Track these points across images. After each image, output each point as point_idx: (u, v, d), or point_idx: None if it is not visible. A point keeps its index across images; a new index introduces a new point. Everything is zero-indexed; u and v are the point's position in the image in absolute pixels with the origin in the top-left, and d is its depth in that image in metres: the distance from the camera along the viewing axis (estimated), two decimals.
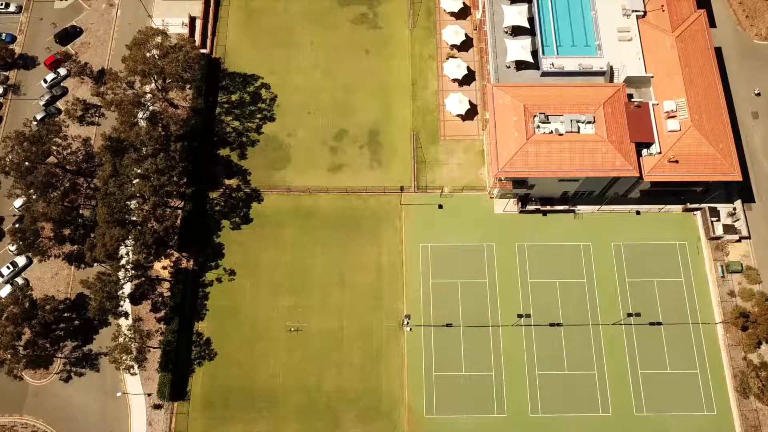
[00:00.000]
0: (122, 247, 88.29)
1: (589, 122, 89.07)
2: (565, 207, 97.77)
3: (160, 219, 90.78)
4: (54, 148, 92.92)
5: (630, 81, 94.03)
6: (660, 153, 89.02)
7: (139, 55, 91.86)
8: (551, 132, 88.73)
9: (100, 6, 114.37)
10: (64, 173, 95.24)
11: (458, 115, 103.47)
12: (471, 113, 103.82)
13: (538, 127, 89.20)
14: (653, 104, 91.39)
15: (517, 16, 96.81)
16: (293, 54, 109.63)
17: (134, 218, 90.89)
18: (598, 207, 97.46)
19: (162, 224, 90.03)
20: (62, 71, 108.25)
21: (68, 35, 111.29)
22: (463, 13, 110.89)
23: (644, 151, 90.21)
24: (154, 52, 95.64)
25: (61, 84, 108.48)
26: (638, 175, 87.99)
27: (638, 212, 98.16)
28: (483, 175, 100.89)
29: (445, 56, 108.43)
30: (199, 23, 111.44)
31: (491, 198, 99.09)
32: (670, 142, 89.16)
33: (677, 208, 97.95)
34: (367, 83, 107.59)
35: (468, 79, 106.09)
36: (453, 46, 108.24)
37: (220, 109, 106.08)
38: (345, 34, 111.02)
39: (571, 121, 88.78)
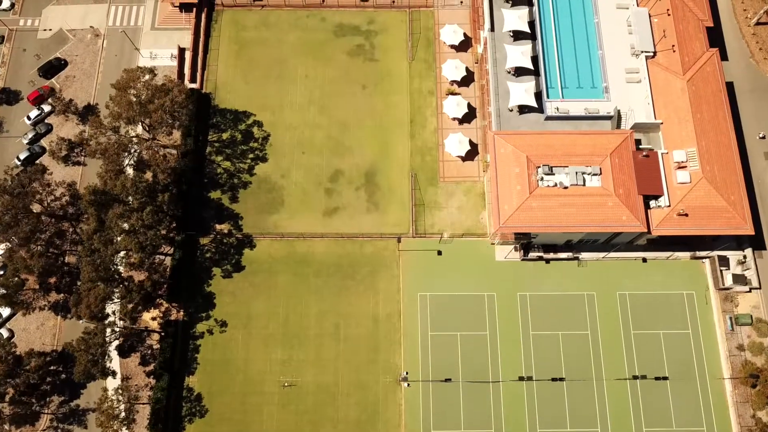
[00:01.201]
0: (108, 303, 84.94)
1: (595, 174, 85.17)
2: (569, 255, 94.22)
3: (147, 273, 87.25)
4: (37, 196, 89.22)
5: (638, 126, 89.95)
6: (669, 206, 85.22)
7: (124, 100, 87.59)
8: (555, 185, 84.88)
9: (86, 36, 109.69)
10: (48, 220, 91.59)
11: (458, 156, 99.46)
12: (471, 154, 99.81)
13: (542, 179, 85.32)
14: (662, 153, 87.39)
15: (521, 56, 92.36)
16: (287, 88, 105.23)
17: (120, 272, 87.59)
18: (603, 254, 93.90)
19: (149, 278, 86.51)
20: (46, 107, 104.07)
21: (52, 68, 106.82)
22: (463, 45, 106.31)
23: (652, 203, 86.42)
24: (141, 90, 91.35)
25: (46, 121, 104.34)
26: (646, 230, 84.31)
27: (644, 260, 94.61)
28: (484, 219, 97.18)
29: (445, 92, 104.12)
30: (188, 55, 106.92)
31: (492, 244, 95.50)
32: (680, 195, 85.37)
33: (685, 255, 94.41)
34: (363, 120, 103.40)
35: (468, 116, 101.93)
36: (453, 82, 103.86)
37: (211, 148, 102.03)
38: (341, 67, 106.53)
39: (577, 173, 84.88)
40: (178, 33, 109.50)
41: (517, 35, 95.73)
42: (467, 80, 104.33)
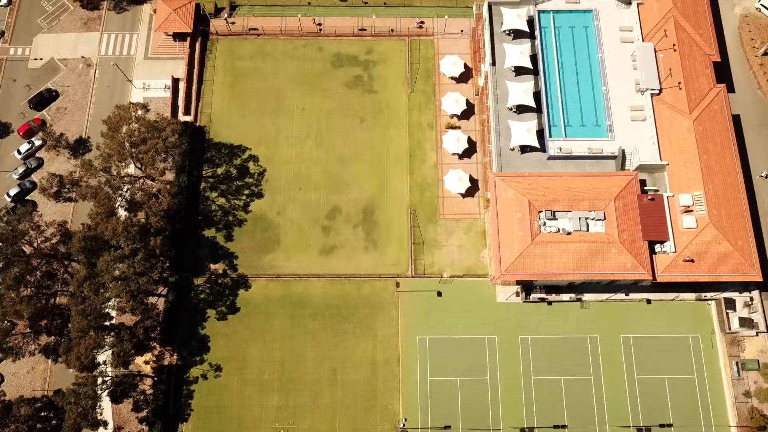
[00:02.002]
0: (99, 352, 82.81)
1: (599, 219, 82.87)
2: (572, 296, 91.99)
3: (139, 318, 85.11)
4: (26, 237, 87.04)
5: (643, 167, 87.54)
6: (674, 251, 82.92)
7: (115, 142, 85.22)
8: (558, 231, 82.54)
9: (77, 66, 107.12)
10: (38, 261, 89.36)
11: (458, 194, 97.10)
12: (472, 190, 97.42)
13: (544, 224, 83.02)
14: (668, 196, 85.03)
15: (522, 94, 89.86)
16: (283, 122, 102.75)
17: (112, 316, 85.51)
18: (606, 296, 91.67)
19: (141, 325, 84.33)
20: (37, 141, 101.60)
21: (43, 100, 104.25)
22: (464, 76, 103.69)
23: (657, 247, 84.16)
24: (133, 128, 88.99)
25: (36, 155, 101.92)
26: (651, 277, 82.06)
27: (649, 301, 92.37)
28: (484, 258, 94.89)
29: (444, 125, 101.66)
30: (182, 86, 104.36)
31: (493, 284, 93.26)
32: (686, 240, 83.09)
33: (690, 297, 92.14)
34: (361, 155, 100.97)
35: (469, 151, 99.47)
36: (453, 116, 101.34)
37: (205, 184, 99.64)
38: (338, 100, 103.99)
39: (580, 218, 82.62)
40: (171, 63, 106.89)
41: (519, 70, 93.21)
42: (468, 113, 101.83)
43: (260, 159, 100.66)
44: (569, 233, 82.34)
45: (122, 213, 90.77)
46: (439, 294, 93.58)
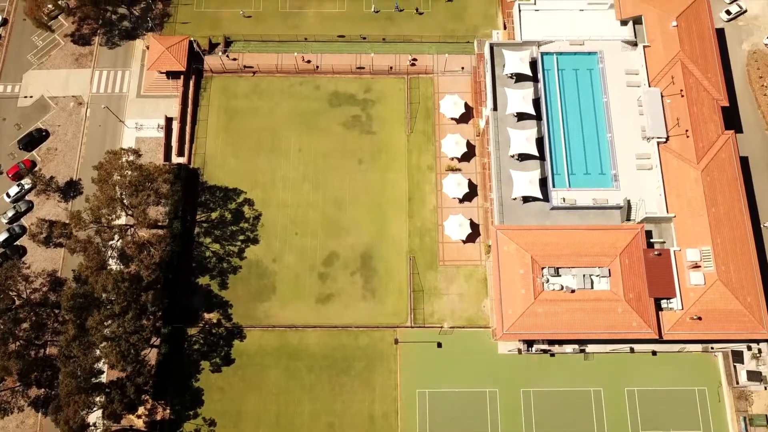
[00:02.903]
0: (90, 412, 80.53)
1: (604, 276, 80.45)
2: (575, 348, 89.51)
3: (130, 374, 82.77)
4: (14, 291, 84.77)
5: (650, 218, 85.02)
6: (681, 309, 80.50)
7: (104, 195, 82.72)
8: (561, 288, 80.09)
9: (68, 104, 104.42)
10: (27, 313, 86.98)
11: (459, 240, 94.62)
12: (473, 236, 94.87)
13: (548, 280, 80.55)
14: (675, 250, 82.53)
15: (525, 143, 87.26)
16: (279, 163, 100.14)
17: (103, 372, 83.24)
18: (610, 347, 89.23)
19: (133, 383, 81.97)
20: (27, 183, 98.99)
21: (33, 140, 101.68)
22: (464, 116, 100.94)
23: (664, 303, 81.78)
24: (125, 179, 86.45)
25: (26, 198, 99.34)
26: (657, 336, 79.71)
27: (654, 353, 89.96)
28: (486, 308, 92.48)
29: (444, 167, 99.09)
30: (176, 126, 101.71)
31: (495, 341, 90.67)
32: (693, 297, 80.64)
33: (697, 348, 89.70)
34: (359, 198, 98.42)
35: (470, 195, 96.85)
36: (454, 158, 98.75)
37: (199, 229, 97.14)
38: (336, 140, 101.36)
39: (584, 275, 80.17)
40: (165, 101, 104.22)
41: (522, 115, 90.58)
42: (468, 155, 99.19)
43: (255, 202, 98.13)
44: (573, 291, 79.90)
45: (113, 264, 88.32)
46: (440, 345, 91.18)
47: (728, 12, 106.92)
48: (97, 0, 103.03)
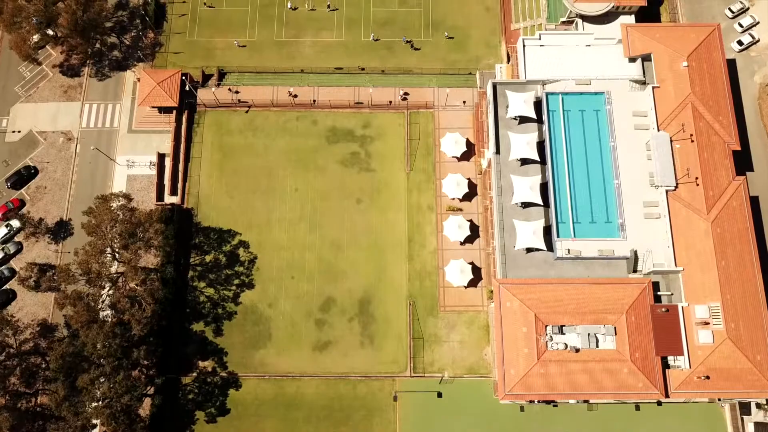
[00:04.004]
0: None
1: (609, 334, 77.96)
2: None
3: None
4: (3, 342, 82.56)
5: (657, 270, 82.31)
6: (689, 368, 78.09)
7: (94, 249, 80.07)
8: (565, 346, 77.61)
9: (57, 140, 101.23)
10: (16, 362, 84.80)
11: (460, 286, 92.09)
12: (475, 280, 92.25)
13: (551, 338, 78.07)
14: (683, 306, 79.91)
15: (528, 191, 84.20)
16: (275, 203, 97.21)
17: (95, 425, 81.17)
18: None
19: None
20: (16, 223, 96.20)
21: (22, 178, 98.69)
22: (466, 154, 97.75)
23: (671, 359, 79.43)
24: (115, 229, 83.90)
25: (15, 239, 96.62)
26: (663, 397, 77.45)
27: (659, 402, 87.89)
28: (487, 356, 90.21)
29: (445, 207, 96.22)
30: (168, 163, 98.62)
31: (497, 398, 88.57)
32: (701, 356, 78.16)
33: (703, 398, 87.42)
34: (358, 240, 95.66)
35: (471, 237, 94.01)
36: (455, 198, 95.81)
37: (193, 272, 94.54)
38: (334, 179, 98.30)
39: (589, 334, 77.66)
40: (157, 136, 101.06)
41: (526, 159, 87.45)
42: (470, 195, 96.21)
43: (251, 245, 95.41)
44: (577, 350, 77.48)
45: (106, 310, 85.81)
46: (440, 395, 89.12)
47: (740, 42, 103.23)
48: (85, 29, 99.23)
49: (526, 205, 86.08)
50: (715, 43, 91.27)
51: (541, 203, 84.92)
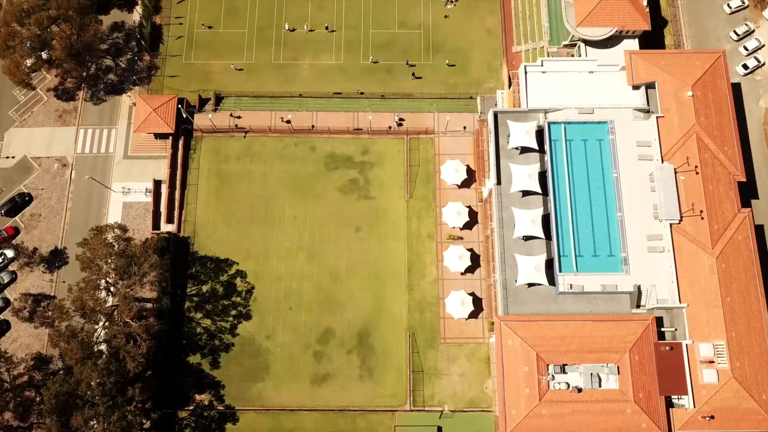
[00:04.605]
0: None
1: (612, 373, 76.63)
2: None
3: None
4: None
5: (661, 305, 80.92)
6: (693, 407, 76.78)
7: (88, 286, 78.77)
8: (568, 386, 76.26)
9: (52, 166, 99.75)
10: (12, 396, 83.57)
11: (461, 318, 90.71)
12: (475, 312, 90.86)
13: (553, 377, 76.74)
14: (687, 344, 78.53)
15: (530, 225, 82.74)
16: (273, 232, 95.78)
17: None
18: None
19: None
20: (9, 253, 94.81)
21: (16, 206, 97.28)
22: (466, 181, 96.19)
23: (674, 399, 78.11)
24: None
25: (9, 268, 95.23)
26: None
27: None
28: (488, 389, 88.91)
29: (446, 236, 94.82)
30: (164, 190, 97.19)
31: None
32: (706, 395, 76.83)
33: None
34: (356, 269, 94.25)
35: (472, 267, 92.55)
36: (455, 227, 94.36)
37: (190, 303, 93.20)
38: (333, 206, 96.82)
39: (592, 374, 76.35)
40: (153, 162, 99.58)
41: (527, 191, 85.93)
42: (471, 223, 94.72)
43: (248, 275, 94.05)
44: (580, 390, 76.17)
45: (101, 342, 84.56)
46: (440, 429, 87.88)
47: (745, 66, 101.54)
48: (80, 53, 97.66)
49: (528, 237, 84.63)
50: (720, 71, 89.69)
51: (543, 237, 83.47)
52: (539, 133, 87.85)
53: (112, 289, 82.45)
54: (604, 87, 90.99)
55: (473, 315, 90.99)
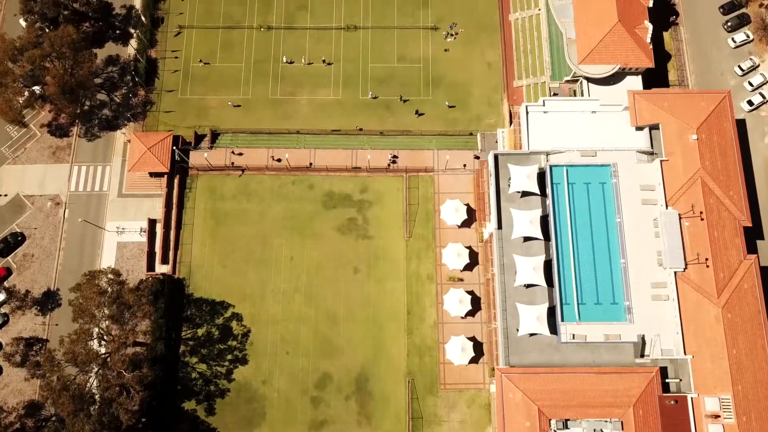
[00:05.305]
0: None
1: (616, 430, 74.91)
2: None
3: None
4: None
5: (666, 355, 79.28)
6: None
7: (80, 339, 77.10)
8: None
9: (45, 204, 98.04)
10: None
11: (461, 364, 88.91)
12: (476, 357, 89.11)
13: None
14: (692, 397, 76.83)
15: (532, 273, 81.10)
16: (269, 273, 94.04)
17: None
18: None
19: None
20: (1, 295, 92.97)
21: (8, 246, 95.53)
22: (467, 221, 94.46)
23: None
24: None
25: (1, 310, 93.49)
26: None
27: None
28: None
29: (446, 278, 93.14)
30: (159, 230, 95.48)
31: None
32: None
33: None
34: (355, 312, 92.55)
35: (473, 310, 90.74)
36: (455, 270, 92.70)
37: (185, 347, 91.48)
38: (330, 246, 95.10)
39: (595, 429, 74.69)
40: (148, 201, 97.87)
41: (529, 237, 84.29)
42: (471, 265, 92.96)
43: (244, 317, 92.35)
44: None
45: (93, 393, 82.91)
46: None
47: (750, 102, 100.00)
48: (74, 90, 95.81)
49: (529, 285, 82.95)
50: (725, 112, 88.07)
51: (545, 285, 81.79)
52: (541, 175, 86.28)
53: (105, 336, 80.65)
54: (607, 127, 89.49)
55: (474, 360, 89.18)
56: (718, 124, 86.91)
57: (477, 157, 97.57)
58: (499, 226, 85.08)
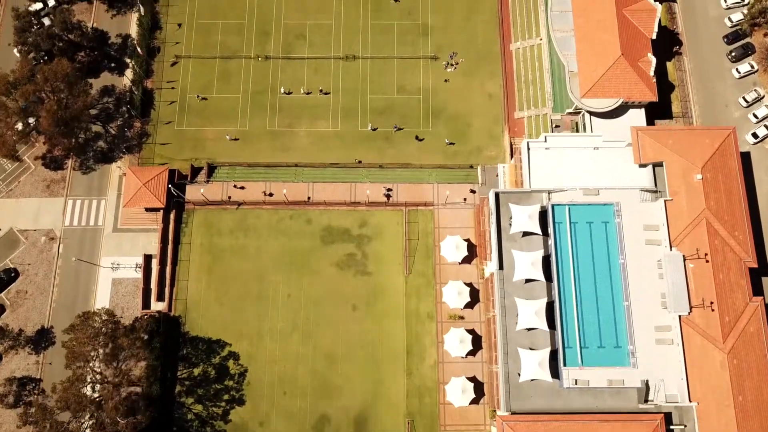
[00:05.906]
0: None
1: None
2: None
3: None
4: None
5: (670, 401, 77.76)
6: None
7: (73, 387, 75.70)
8: None
9: (39, 239, 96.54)
10: None
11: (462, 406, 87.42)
12: (477, 398, 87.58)
13: None
14: None
15: (534, 317, 79.60)
16: (266, 311, 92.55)
17: None
18: None
19: None
20: None
21: (2, 282, 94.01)
22: (467, 257, 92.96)
23: None
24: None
25: None
26: None
27: None
28: None
29: (446, 316, 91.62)
30: (155, 266, 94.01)
31: None
32: None
33: None
34: (353, 351, 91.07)
35: (474, 350, 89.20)
36: (455, 310, 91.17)
37: (180, 387, 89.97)
38: (329, 283, 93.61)
39: None
40: (144, 236, 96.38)
41: (531, 279, 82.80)
42: (472, 302, 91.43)
43: (241, 357, 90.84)
44: None
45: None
46: None
47: (755, 135, 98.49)
48: (68, 123, 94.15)
49: (531, 328, 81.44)
50: (730, 149, 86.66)
51: (547, 329, 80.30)
52: (542, 214, 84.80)
53: (99, 382, 79.15)
54: (609, 164, 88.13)
55: (474, 401, 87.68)
56: (723, 162, 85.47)
57: (473, 191, 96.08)
58: (501, 267, 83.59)
